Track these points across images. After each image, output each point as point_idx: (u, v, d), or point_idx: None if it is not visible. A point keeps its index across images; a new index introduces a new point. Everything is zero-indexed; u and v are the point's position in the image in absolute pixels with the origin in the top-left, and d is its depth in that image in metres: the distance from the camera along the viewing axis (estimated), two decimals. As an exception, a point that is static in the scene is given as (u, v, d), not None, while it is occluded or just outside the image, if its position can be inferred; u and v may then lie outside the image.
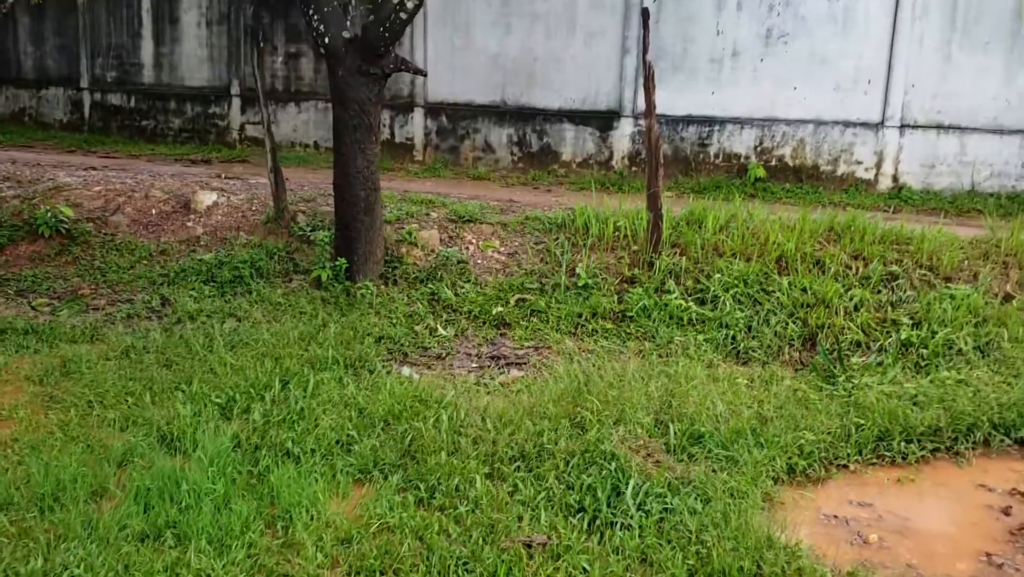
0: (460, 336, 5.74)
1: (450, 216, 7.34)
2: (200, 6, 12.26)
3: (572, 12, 10.47)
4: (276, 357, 4.83)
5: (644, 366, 4.95)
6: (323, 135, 11.77)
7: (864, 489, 3.87)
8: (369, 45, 5.90)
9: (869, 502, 3.75)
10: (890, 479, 3.98)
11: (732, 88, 10.13)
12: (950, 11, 9.48)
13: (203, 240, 7.06)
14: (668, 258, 6.42)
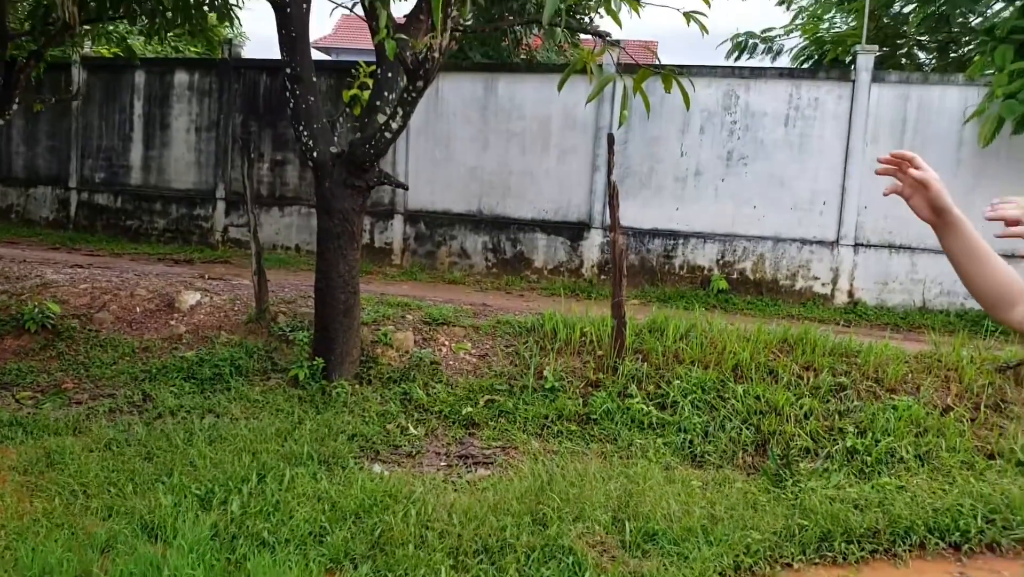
0: (430, 435, 5.99)
1: (425, 318, 7.67)
2: (191, 113, 12.83)
3: (546, 131, 11.11)
4: (254, 452, 5.05)
5: (605, 467, 5.21)
6: (304, 238, 12.19)
7: (807, 587, 4.12)
8: (355, 160, 6.34)
9: (811, 599, 3.99)
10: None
11: (696, 204, 10.72)
12: (898, 138, 10.19)
13: (185, 338, 7.31)
14: (631, 363, 6.76)
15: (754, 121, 10.53)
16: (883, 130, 10.20)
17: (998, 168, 9.84)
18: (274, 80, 12.33)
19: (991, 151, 9.63)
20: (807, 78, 10.61)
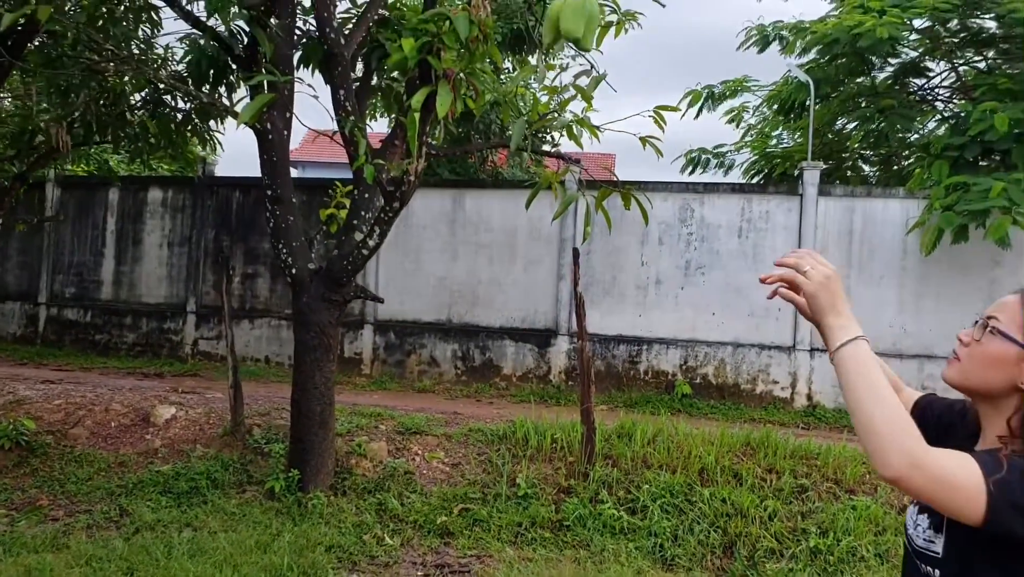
0: (406, 545, 6.09)
1: (398, 428, 7.83)
2: (163, 229, 13.12)
3: (513, 242, 11.56)
4: (234, 565, 5.13)
5: (579, 573, 5.36)
6: (274, 350, 12.36)
7: None
8: (333, 276, 6.62)
9: None
10: (801, 675, 4.38)
11: (657, 311, 11.13)
12: (846, 249, 10.77)
13: (161, 452, 7.38)
14: (601, 469, 6.96)
15: (710, 233, 11.06)
16: (831, 240, 10.77)
17: (941, 275, 10.41)
18: (246, 196, 12.71)
19: (934, 259, 10.21)
20: (758, 192, 11.24)
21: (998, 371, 1.67)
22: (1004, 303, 1.72)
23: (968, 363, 1.71)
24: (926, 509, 1.72)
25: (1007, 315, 1.69)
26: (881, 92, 12.94)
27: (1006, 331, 1.67)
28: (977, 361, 1.70)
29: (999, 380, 1.67)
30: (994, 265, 10.28)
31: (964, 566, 1.63)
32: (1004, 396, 1.68)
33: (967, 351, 1.72)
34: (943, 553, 1.67)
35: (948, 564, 1.66)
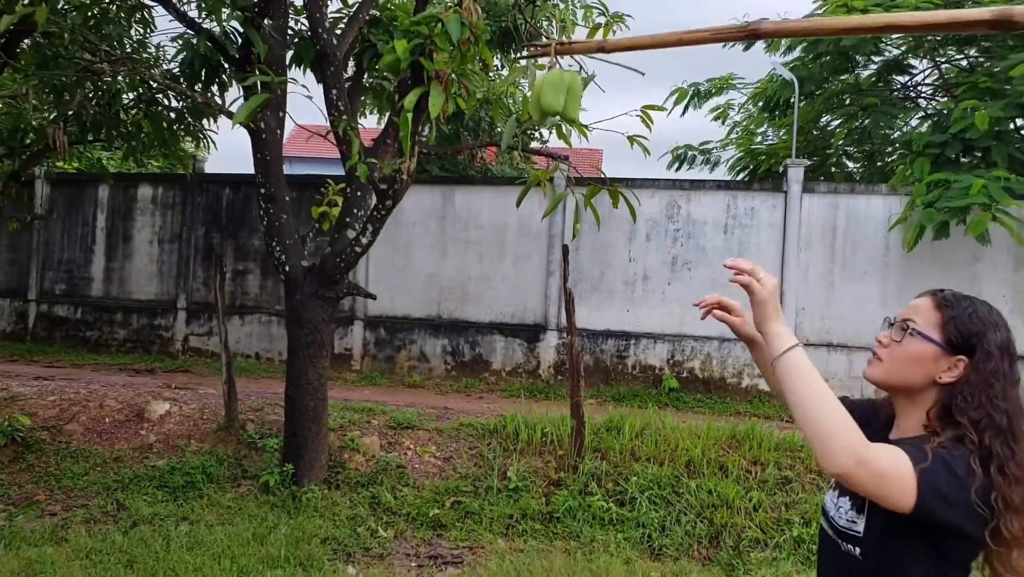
0: (399, 537, 6.21)
1: (390, 423, 7.94)
2: (154, 226, 13.16)
3: (502, 238, 11.67)
4: (232, 557, 5.24)
5: (569, 563, 5.49)
6: (264, 346, 12.43)
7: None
8: (326, 273, 6.72)
9: None
10: (784, 659, 4.53)
11: (645, 307, 11.27)
12: (830, 244, 10.93)
13: (156, 447, 7.47)
14: (590, 462, 7.10)
15: (696, 229, 11.21)
16: (815, 236, 10.94)
17: (923, 270, 10.59)
18: (236, 193, 12.78)
19: (916, 255, 10.38)
20: (743, 189, 11.39)
21: (918, 368, 1.82)
22: (918, 306, 1.88)
23: (890, 363, 1.85)
24: (847, 493, 1.85)
25: (922, 317, 1.85)
26: (865, 90, 13.13)
27: (924, 332, 1.82)
28: (898, 360, 1.84)
29: (919, 377, 1.82)
30: (974, 261, 10.47)
31: (883, 543, 1.76)
32: (922, 391, 1.83)
33: (888, 352, 1.86)
34: (864, 532, 1.81)
35: (868, 542, 1.80)
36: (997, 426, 1.73)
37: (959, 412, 1.76)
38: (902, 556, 1.75)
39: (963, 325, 1.81)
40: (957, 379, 1.80)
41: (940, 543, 1.72)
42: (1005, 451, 1.70)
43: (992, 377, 1.76)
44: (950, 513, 1.66)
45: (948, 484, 1.65)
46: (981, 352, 1.78)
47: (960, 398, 1.77)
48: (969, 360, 1.80)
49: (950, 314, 1.83)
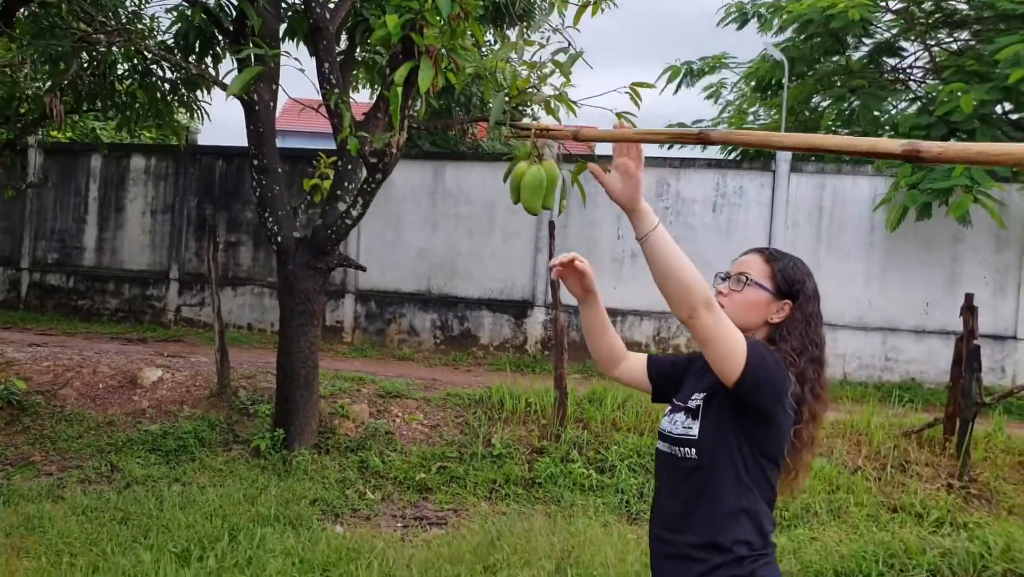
0: (387, 499, 6.40)
1: (379, 392, 8.13)
2: (146, 196, 13.25)
3: (492, 215, 11.81)
4: (224, 515, 5.42)
5: (549, 524, 5.69)
6: (256, 317, 12.58)
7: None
8: (318, 245, 6.87)
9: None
10: (751, 616, 4.73)
11: (632, 284, 11.44)
12: (816, 224, 11.11)
13: (148, 412, 7.64)
14: (573, 431, 7.30)
15: (685, 207, 11.37)
16: (802, 215, 11.11)
17: (906, 250, 10.79)
18: (229, 165, 12.87)
19: (899, 235, 10.57)
20: (732, 168, 11.54)
21: (755, 312, 2.20)
22: (748, 261, 2.25)
23: (731, 310, 2.15)
24: (681, 409, 2.19)
25: (755, 270, 2.22)
26: (855, 71, 13.24)
27: (759, 281, 2.20)
28: (739, 306, 2.20)
29: (755, 318, 2.20)
30: (956, 242, 10.66)
31: (713, 439, 2.09)
32: (755, 330, 2.20)
33: (729, 300, 2.20)
34: (699, 432, 2.12)
35: (702, 440, 2.11)
36: (811, 354, 2.15)
37: (783, 342, 2.15)
38: (729, 449, 2.07)
39: (788, 275, 2.22)
40: (784, 319, 2.19)
41: (758, 436, 2.07)
42: (814, 374, 2.14)
43: (809, 317, 2.20)
44: (767, 394, 2.02)
45: (768, 368, 2.02)
46: (803, 297, 2.20)
47: (787, 332, 2.17)
48: (793, 304, 2.20)
49: (778, 266, 2.22)
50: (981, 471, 6.83)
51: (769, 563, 2.10)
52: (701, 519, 2.10)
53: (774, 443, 2.09)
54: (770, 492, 2.14)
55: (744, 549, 2.06)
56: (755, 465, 2.08)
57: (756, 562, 2.07)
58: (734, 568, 2.05)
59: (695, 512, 2.11)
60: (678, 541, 2.13)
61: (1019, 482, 6.74)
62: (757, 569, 2.06)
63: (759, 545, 2.08)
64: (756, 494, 2.09)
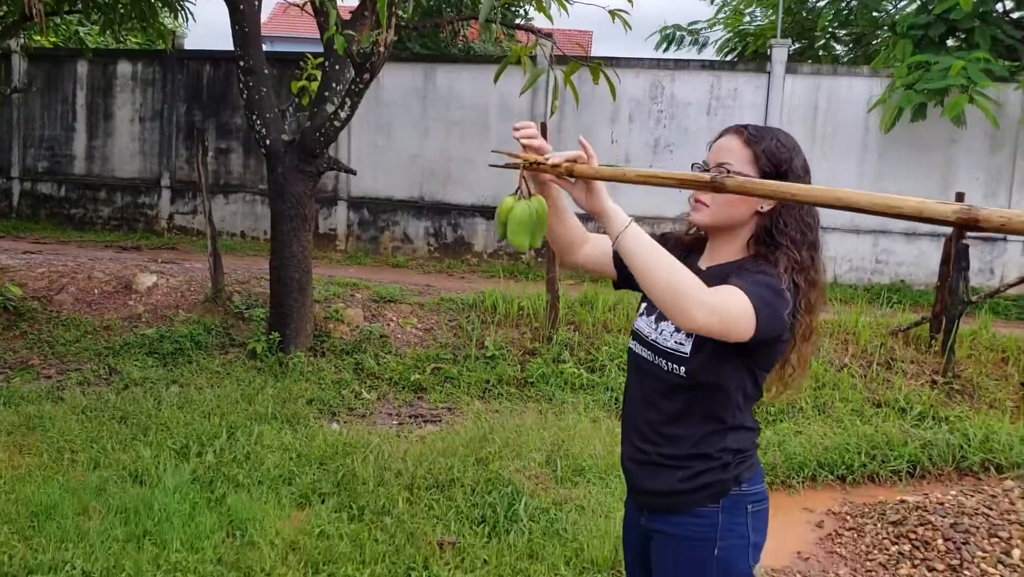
0: (382, 399, 6.53)
1: (373, 297, 8.19)
2: (134, 103, 13.05)
3: (484, 119, 11.67)
4: (221, 414, 5.53)
5: (540, 420, 5.83)
6: (249, 225, 12.56)
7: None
8: (306, 147, 6.81)
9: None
10: (735, 504, 4.90)
11: (626, 190, 11.34)
12: (811, 125, 11.01)
13: (144, 317, 7.71)
14: (564, 333, 7.40)
15: (679, 110, 11.24)
16: (797, 118, 11.00)
17: (900, 151, 10.73)
18: (217, 70, 12.64)
19: (893, 136, 10.50)
20: (727, 70, 11.38)
21: (742, 205, 1.96)
22: (728, 148, 1.99)
23: (716, 206, 1.98)
24: (666, 317, 1.95)
25: (736, 157, 1.96)
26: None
27: (741, 171, 1.93)
28: (724, 204, 1.97)
29: (743, 212, 1.97)
30: (950, 143, 10.60)
31: (708, 360, 1.93)
32: (743, 224, 2.00)
33: (712, 197, 1.98)
34: (691, 352, 1.96)
35: (694, 360, 1.95)
36: (808, 240, 1.96)
37: (780, 234, 1.96)
38: (724, 370, 1.93)
39: (773, 156, 1.95)
40: (774, 206, 1.96)
41: (757, 354, 1.92)
42: (809, 260, 1.95)
43: None
44: (776, 328, 1.86)
45: (775, 306, 1.84)
46: (792, 176, 1.93)
47: (781, 222, 1.96)
48: None
49: (760, 148, 1.95)
50: (965, 367, 6.97)
51: (752, 464, 2.04)
52: (685, 435, 2.01)
53: (775, 355, 1.98)
54: (759, 398, 2.05)
55: (730, 456, 1.99)
56: (751, 381, 1.98)
57: (741, 465, 2.00)
58: (719, 473, 1.98)
59: (678, 428, 2.01)
60: (653, 452, 2.05)
61: (1001, 378, 6.89)
62: (742, 472, 2.00)
63: (746, 449, 2.02)
64: (747, 407, 2.01)
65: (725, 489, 1.98)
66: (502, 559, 3.78)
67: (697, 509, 1.99)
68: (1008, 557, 4.07)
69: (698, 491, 1.98)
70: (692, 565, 2.00)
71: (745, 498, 2.00)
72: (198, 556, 3.62)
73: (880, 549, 4.29)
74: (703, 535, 1.98)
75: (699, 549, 1.99)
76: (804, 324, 1.96)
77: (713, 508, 1.98)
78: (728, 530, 1.98)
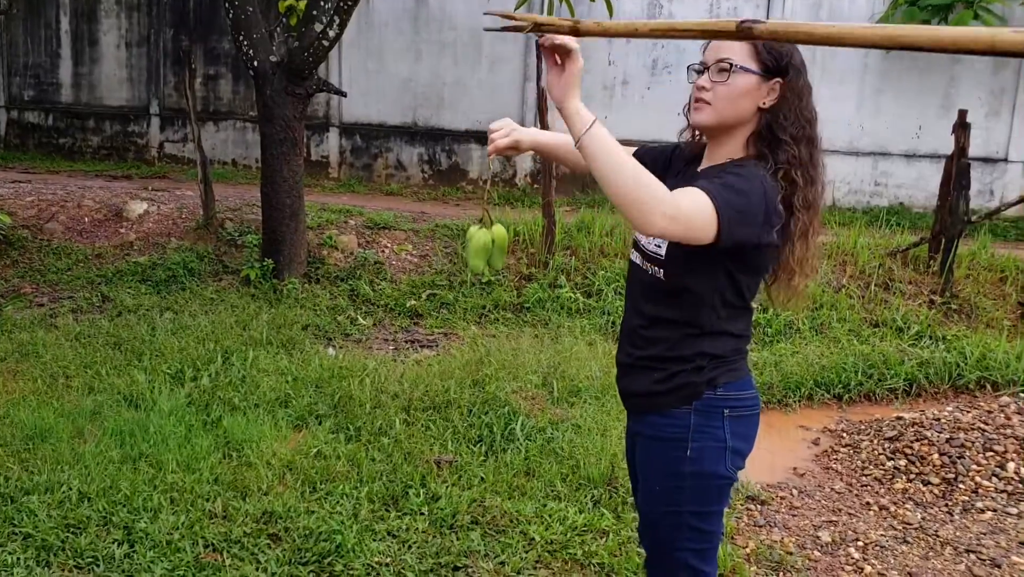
0: (378, 325, 6.51)
1: (367, 224, 8.10)
2: (120, 28, 12.72)
3: (478, 41, 11.40)
4: (216, 339, 5.51)
5: (537, 343, 5.81)
6: (240, 152, 12.37)
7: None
8: (295, 68, 6.64)
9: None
10: (731, 423, 4.92)
11: (624, 112, 11.21)
12: (811, 46, 10.76)
13: (136, 245, 7.63)
14: (561, 258, 7.34)
15: (676, 31, 10.96)
16: (797, 38, 10.75)
17: (901, 71, 10.53)
18: (203, -7, 12.29)
19: (895, 56, 10.27)
20: (726, -12, 11.07)
21: (745, 100, 1.93)
22: (728, 45, 1.90)
23: (719, 103, 1.94)
24: None
25: (737, 52, 1.91)
26: None
27: (744, 65, 1.90)
28: (726, 99, 1.93)
29: (747, 108, 1.94)
30: (953, 63, 10.38)
31: (684, 262, 1.94)
32: (746, 122, 1.96)
33: (713, 94, 1.94)
34: (666, 253, 1.98)
35: (670, 263, 1.98)
36: (807, 136, 1.94)
37: (781, 130, 1.92)
38: (700, 273, 1.93)
39: (773, 49, 1.90)
40: (777, 100, 1.93)
41: (739, 258, 1.91)
42: (808, 156, 1.92)
43: (802, 91, 1.94)
44: (747, 233, 1.83)
45: (745, 211, 1.81)
46: (792, 71, 1.92)
47: (782, 116, 1.93)
48: (783, 80, 1.94)
49: (760, 42, 1.87)
50: (963, 287, 6.94)
51: (733, 370, 2.03)
52: (663, 337, 2.03)
53: (762, 260, 1.97)
54: (747, 305, 2.04)
55: (705, 361, 2.00)
56: (731, 286, 1.96)
57: (716, 370, 2.01)
58: (692, 376, 2.00)
59: (657, 330, 2.04)
60: (636, 354, 2.10)
61: (999, 297, 6.88)
62: (718, 376, 2.00)
63: (725, 355, 2.02)
64: (729, 313, 2.00)
65: (697, 392, 2.00)
66: (499, 476, 3.79)
67: (671, 411, 2.02)
68: (1003, 470, 4.10)
69: (671, 392, 2.01)
70: (667, 464, 2.04)
71: (721, 402, 2.01)
72: (194, 476, 3.62)
73: (876, 464, 4.31)
74: (676, 436, 2.01)
75: (672, 449, 2.02)
76: (802, 221, 1.93)
77: (686, 409, 2.00)
78: (701, 432, 2.00)
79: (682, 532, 2.04)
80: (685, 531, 2.03)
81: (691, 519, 2.03)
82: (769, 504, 3.90)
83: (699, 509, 2.03)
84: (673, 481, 2.03)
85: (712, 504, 2.05)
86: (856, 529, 3.68)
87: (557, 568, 3.20)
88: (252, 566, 3.07)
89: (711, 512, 2.05)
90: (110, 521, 3.27)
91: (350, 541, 3.18)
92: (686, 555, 2.04)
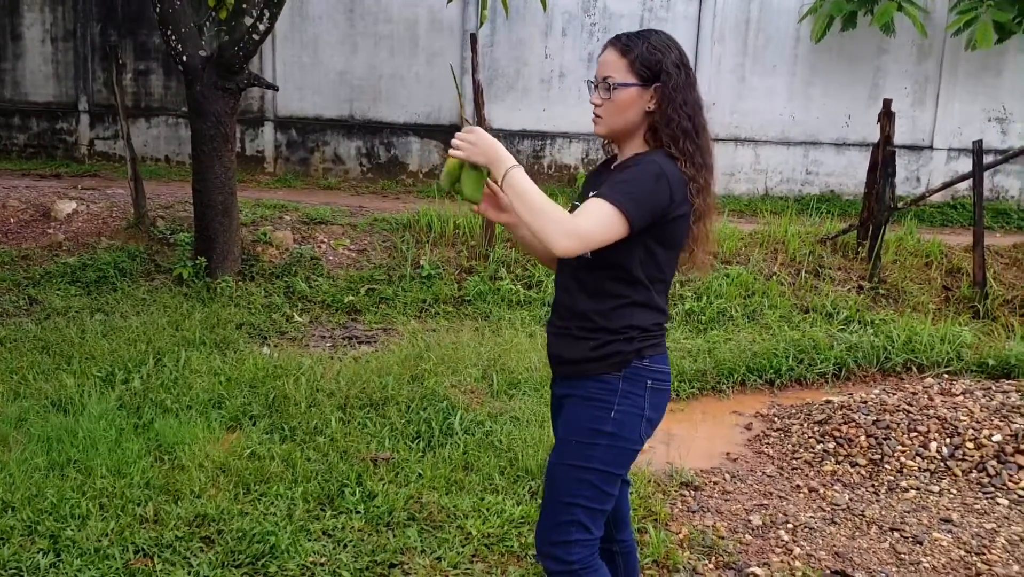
0: (315, 322, 6.45)
1: (303, 219, 8.02)
2: (44, 23, 12.34)
3: (414, 34, 11.34)
4: (148, 340, 5.40)
5: (477, 336, 5.83)
6: (173, 149, 12.12)
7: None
8: (225, 63, 6.53)
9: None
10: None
11: (561, 106, 11.26)
12: (742, 37, 10.95)
13: (65, 245, 7.43)
14: (501, 251, 7.37)
15: (612, 23, 11.05)
16: (728, 29, 10.93)
17: (830, 62, 10.76)
18: (131, -14, 11.98)
19: (824, 47, 10.50)
20: (660, -20, 11.18)
21: (631, 110, 2.18)
22: (608, 61, 2.19)
23: (609, 117, 2.20)
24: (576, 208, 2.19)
25: (615, 69, 2.16)
26: None
27: (622, 82, 2.15)
28: (614, 113, 2.19)
29: (634, 116, 2.18)
30: (880, 53, 10.66)
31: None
32: (638, 126, 2.20)
33: (604, 110, 2.20)
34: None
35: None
36: (685, 129, 2.15)
37: (666, 127, 2.15)
38: (623, 249, 2.11)
39: (646, 60, 2.15)
40: (658, 104, 2.16)
41: (655, 231, 2.13)
42: (691, 147, 2.15)
43: (675, 91, 2.15)
44: (656, 210, 2.08)
45: (646, 192, 2.07)
46: (665, 76, 2.14)
47: (666, 115, 2.15)
48: (660, 85, 2.16)
49: (633, 56, 2.15)
50: (890, 273, 7.14)
51: (656, 345, 2.25)
52: (595, 310, 2.20)
53: (677, 232, 2.17)
54: (666, 279, 2.25)
55: (636, 332, 2.20)
56: (650, 259, 2.16)
57: (645, 342, 2.21)
58: (623, 345, 2.19)
59: (588, 303, 2.21)
60: (573, 326, 2.26)
61: (924, 282, 7.10)
62: (645, 349, 2.21)
63: (650, 328, 2.22)
64: (648, 286, 2.19)
65: (627, 360, 2.19)
66: (437, 472, 3.79)
67: (602, 376, 2.20)
68: (926, 450, 4.23)
69: (604, 359, 2.19)
70: (590, 421, 2.20)
71: (646, 373, 2.22)
72: (125, 481, 3.55)
73: (806, 448, 4.42)
74: (604, 398, 2.20)
75: (599, 409, 2.20)
76: (697, 204, 2.16)
77: (616, 376, 2.19)
78: (625, 397, 2.19)
79: (583, 487, 2.19)
80: (586, 487, 2.19)
81: (595, 477, 2.19)
82: (702, 489, 3.97)
83: (605, 469, 2.20)
84: (591, 438, 2.19)
85: (618, 467, 2.23)
86: (786, 512, 3.77)
87: (494, 561, 3.22)
88: (184, 570, 3.02)
89: (614, 475, 2.23)
90: (35, 530, 3.19)
91: (284, 542, 3.16)
92: (579, 511, 2.19)
